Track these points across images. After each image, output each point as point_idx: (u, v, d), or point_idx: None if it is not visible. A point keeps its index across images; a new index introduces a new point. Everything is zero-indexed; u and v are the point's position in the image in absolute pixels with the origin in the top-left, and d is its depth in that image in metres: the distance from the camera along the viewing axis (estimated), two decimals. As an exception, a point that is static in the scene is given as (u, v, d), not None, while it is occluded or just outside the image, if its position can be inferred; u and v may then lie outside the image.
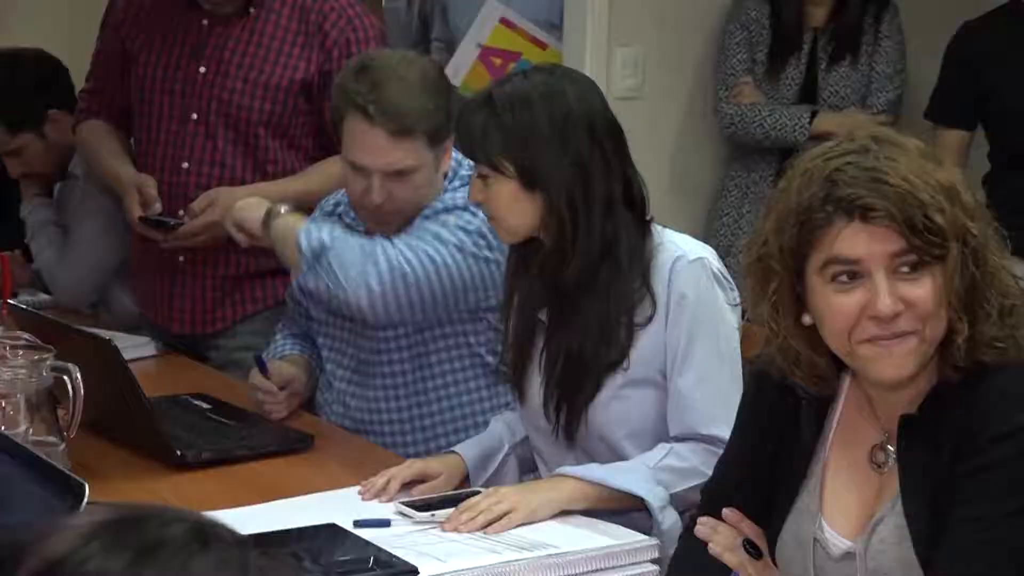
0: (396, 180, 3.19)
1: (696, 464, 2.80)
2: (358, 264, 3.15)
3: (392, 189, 3.20)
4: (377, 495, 2.84)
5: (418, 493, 2.85)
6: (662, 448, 2.84)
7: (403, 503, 2.79)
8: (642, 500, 2.74)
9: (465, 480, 2.98)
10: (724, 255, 3.08)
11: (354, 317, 3.32)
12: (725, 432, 2.74)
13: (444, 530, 2.69)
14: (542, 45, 4.67)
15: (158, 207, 3.73)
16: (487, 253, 3.23)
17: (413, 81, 3.22)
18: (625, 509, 2.79)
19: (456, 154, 3.29)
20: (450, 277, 3.21)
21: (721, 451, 2.73)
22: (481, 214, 3.13)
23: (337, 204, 3.45)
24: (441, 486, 2.90)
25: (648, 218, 2.92)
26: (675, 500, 2.79)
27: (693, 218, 4.39)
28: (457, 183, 3.30)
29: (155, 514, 1.06)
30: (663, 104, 4.80)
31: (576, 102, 2.87)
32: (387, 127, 3.14)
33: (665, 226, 2.96)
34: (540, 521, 2.73)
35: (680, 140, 4.82)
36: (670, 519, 2.76)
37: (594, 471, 2.83)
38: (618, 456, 2.89)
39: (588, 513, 2.78)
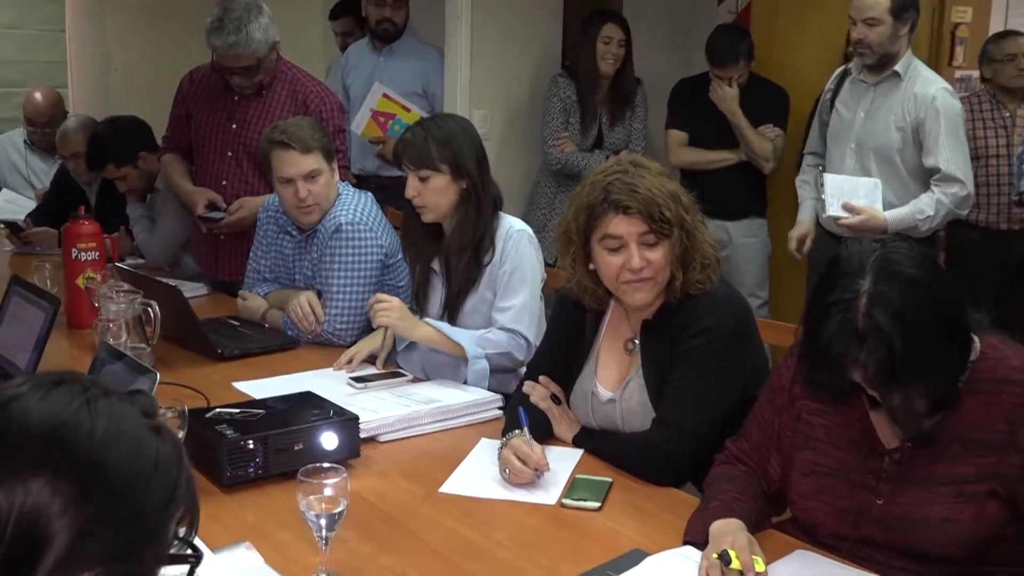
0: (310, 181, 3.11)
1: (502, 341, 2.77)
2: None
3: (309, 188, 3.11)
4: (342, 367, 2.84)
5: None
6: (490, 329, 2.80)
7: (351, 377, 2.75)
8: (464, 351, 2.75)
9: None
10: (539, 231, 3.10)
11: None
12: (524, 329, 2.77)
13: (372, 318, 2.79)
14: (407, 109, 4.74)
15: (209, 208, 3.70)
16: (369, 240, 3.13)
17: (303, 124, 3.17)
18: (455, 354, 2.77)
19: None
20: (369, 283, 3.13)
21: (521, 340, 2.76)
22: (355, 218, 3.10)
23: (277, 210, 3.32)
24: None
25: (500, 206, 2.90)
26: (488, 358, 2.76)
27: (517, 212, 4.26)
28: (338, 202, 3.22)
29: (54, 374, 1.05)
30: (501, 144, 4.78)
31: (469, 127, 2.86)
32: (298, 148, 3.09)
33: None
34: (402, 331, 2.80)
35: (512, 167, 4.79)
36: (479, 365, 2.74)
37: (443, 326, 2.79)
38: None
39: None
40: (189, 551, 1.09)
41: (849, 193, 3.63)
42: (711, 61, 4.46)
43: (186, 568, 1.10)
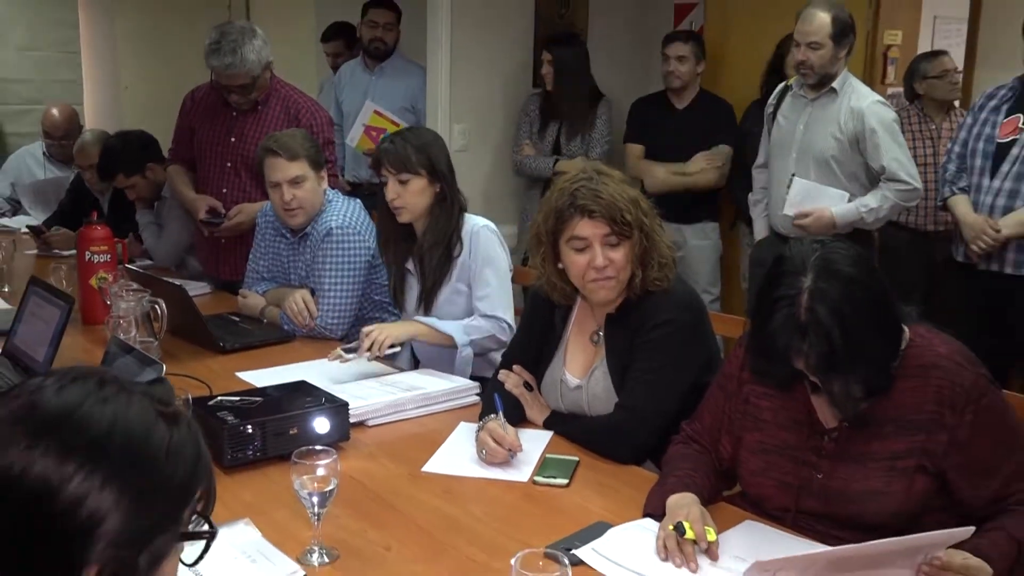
0: (296, 185, 3.08)
1: (485, 326, 2.79)
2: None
3: (295, 192, 3.09)
4: (334, 359, 2.72)
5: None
6: (473, 317, 2.82)
7: (342, 348, 2.70)
8: (453, 340, 2.76)
9: None
10: (519, 232, 3.08)
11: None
12: (502, 313, 2.79)
13: (360, 350, 2.64)
14: (397, 124, 4.75)
15: (211, 214, 3.67)
16: (357, 243, 3.10)
17: (295, 135, 3.15)
18: (445, 344, 2.77)
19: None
20: (358, 281, 3.09)
21: (502, 323, 2.78)
22: (344, 222, 3.07)
23: (273, 216, 3.29)
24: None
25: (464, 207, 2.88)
26: (473, 344, 2.78)
27: (496, 214, 4.24)
28: (328, 207, 3.18)
29: (66, 370, 1.04)
30: (478, 155, 4.78)
31: (439, 138, 2.86)
32: (285, 155, 3.06)
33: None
34: (397, 338, 2.68)
35: (487, 174, 4.79)
36: (466, 351, 2.77)
37: (432, 321, 2.80)
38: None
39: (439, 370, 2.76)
40: (206, 526, 1.07)
41: (813, 199, 3.65)
42: (663, 44, 4.51)
43: (201, 544, 1.08)
